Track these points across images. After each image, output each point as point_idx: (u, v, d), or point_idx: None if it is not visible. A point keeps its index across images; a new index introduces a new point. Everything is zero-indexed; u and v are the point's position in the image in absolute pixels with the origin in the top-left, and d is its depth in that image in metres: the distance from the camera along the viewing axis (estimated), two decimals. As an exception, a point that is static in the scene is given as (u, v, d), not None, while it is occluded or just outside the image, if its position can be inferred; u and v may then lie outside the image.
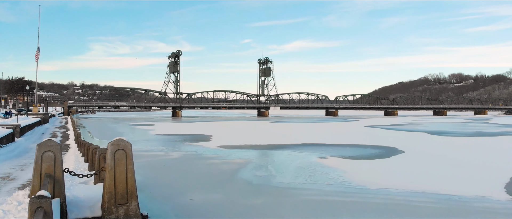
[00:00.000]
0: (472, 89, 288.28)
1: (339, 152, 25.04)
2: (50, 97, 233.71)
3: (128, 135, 40.58)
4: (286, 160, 21.18)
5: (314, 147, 28.50)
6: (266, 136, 40.56)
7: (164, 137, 38.65)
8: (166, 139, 35.66)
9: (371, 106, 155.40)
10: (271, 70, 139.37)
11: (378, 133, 45.73)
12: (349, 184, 14.60)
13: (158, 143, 32.09)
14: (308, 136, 39.89)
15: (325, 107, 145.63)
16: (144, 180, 15.19)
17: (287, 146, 28.79)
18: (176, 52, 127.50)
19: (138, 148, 27.24)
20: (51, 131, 39.55)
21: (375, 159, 22.19)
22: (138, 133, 44.08)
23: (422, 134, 44.32)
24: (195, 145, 30.13)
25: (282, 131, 49.02)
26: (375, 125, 68.58)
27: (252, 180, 15.44)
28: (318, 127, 60.57)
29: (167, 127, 59.71)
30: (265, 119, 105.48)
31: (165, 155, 23.68)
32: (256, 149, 27.21)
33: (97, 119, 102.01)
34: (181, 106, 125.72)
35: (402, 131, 50.08)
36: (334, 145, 29.87)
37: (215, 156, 23.09)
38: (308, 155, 23.54)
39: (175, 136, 39.95)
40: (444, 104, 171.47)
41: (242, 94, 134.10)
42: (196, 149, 26.83)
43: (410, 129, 56.41)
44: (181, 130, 50.10)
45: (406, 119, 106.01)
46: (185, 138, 37.37)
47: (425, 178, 16.09)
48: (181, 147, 28.43)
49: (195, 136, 39.99)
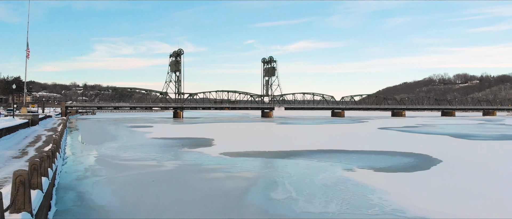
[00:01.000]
0: (477, 89, 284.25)
1: (365, 162, 20.95)
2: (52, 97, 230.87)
3: (122, 139, 36.70)
4: (306, 174, 17.11)
5: (333, 154, 24.43)
6: (273, 140, 36.50)
7: (161, 141, 34.66)
8: (162, 144, 31.67)
9: (379, 107, 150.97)
10: (275, 70, 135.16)
11: (396, 137, 41.56)
12: (402, 214, 10.53)
13: (153, 149, 28.10)
14: (320, 140, 35.81)
15: (331, 108, 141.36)
16: (121, 207, 11.16)
17: (302, 153, 24.72)
18: (178, 51, 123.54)
19: (128, 156, 23.25)
20: (36, 134, 35.61)
21: (413, 172, 18.09)
22: (133, 137, 40.14)
23: (445, 138, 40.12)
24: (195, 151, 26.09)
25: (290, 134, 44.94)
26: (388, 127, 64.36)
27: (268, 208, 11.38)
28: (328, 129, 56.44)
29: (166, 129, 55.75)
30: (269, 120, 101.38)
31: (158, 166, 19.65)
32: (265, 157, 23.16)
33: (96, 120, 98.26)
34: (183, 107, 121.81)
35: (421, 134, 45.87)
36: (355, 152, 25.77)
37: (217, 167, 19.05)
38: (330, 166, 19.47)
39: (173, 140, 35.96)
40: (452, 105, 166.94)
41: (245, 94, 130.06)
42: (195, 158, 22.79)
43: (427, 131, 52.18)
44: (181, 133, 46.10)
45: (416, 120, 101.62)
46: (184, 142, 33.37)
47: (495, 200, 11.99)
48: (178, 155, 24.41)
49: (195, 140, 35.99)
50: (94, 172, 17.96)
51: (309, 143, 32.17)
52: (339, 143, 32.40)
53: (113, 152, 25.90)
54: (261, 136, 41.34)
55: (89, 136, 41.06)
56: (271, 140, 36.36)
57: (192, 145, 30.94)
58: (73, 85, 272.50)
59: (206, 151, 25.89)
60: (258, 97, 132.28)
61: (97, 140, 35.53)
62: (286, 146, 29.32)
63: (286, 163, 20.41)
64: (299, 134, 45.50)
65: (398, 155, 24.33)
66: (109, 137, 39.83)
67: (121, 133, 46.58)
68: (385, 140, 36.28)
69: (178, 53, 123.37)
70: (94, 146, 30.41)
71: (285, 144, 31.66)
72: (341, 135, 43.88)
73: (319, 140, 35.85)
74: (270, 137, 40.50)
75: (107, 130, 52.96)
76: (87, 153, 25.44)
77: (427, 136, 43.46)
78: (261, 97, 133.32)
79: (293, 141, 34.43)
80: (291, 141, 34.99)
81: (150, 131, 50.27)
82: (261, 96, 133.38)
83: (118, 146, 29.60)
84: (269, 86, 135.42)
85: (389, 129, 57.45)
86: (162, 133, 46.17)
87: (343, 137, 40.62)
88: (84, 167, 19.26)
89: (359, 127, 63.30)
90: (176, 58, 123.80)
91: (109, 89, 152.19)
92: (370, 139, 37.50)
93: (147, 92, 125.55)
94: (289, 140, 35.65)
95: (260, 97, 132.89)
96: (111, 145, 30.41)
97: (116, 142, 33.26)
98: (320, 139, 37.13)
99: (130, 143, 32.33)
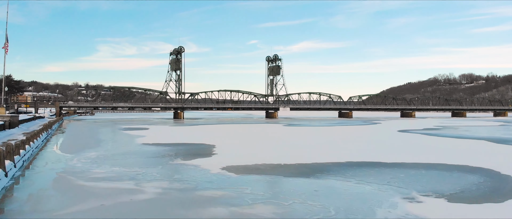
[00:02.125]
0: (484, 89, 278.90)
1: (423, 183, 15.12)
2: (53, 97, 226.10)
3: (106, 146, 31.04)
4: (353, 208, 11.30)
5: (371, 170, 18.62)
6: (286, 146, 30.69)
7: (152, 149, 28.93)
8: (152, 153, 25.94)
9: (389, 107, 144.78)
10: (280, 69, 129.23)
11: (426, 142, 35.63)
12: None
13: (138, 160, 22.37)
14: (343, 148, 29.96)
15: (339, 108, 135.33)
16: None
17: (329, 169, 18.92)
18: (178, 48, 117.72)
19: (100, 173, 17.54)
20: (6, 140, 29.94)
21: (502, 200, 12.27)
22: (121, 142, 34.46)
23: (485, 143, 34.20)
24: (189, 166, 20.31)
25: (302, 139, 39.13)
26: (406, 129, 58.39)
27: None
28: (342, 133, 50.55)
29: (162, 132, 50.04)
30: (275, 121, 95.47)
31: (133, 191, 13.88)
32: (283, 174, 17.37)
33: (91, 121, 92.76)
34: (184, 107, 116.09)
35: (452, 139, 39.91)
36: (397, 166, 19.93)
37: (217, 195, 13.27)
38: (379, 191, 13.67)
39: (167, 147, 30.22)
40: (463, 105, 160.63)
41: (249, 94, 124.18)
42: (188, 177, 17.01)
43: (456, 135, 46.21)
44: (178, 137, 40.37)
45: (429, 121, 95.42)
46: (179, 150, 27.61)
47: None
48: (167, 171, 18.65)
49: (192, 147, 30.23)
50: (37, 202, 12.27)
51: (331, 152, 26.33)
52: (368, 152, 26.55)
53: (86, 165, 20.19)
54: (270, 142, 35.54)
55: (70, 141, 35.40)
56: (283, 147, 30.55)
57: (188, 154, 25.16)
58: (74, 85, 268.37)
59: (204, 165, 20.10)
60: (262, 97, 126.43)
61: (77, 147, 29.86)
62: (304, 157, 23.50)
63: (315, 187, 14.59)
64: (313, 138, 39.67)
65: (455, 170, 18.49)
66: (93, 142, 34.14)
67: (110, 137, 40.88)
68: (418, 147, 30.40)
69: (179, 51, 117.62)
70: (68, 155, 24.72)
71: (302, 153, 25.84)
72: (363, 140, 38.01)
73: (341, 148, 29.98)
74: (280, 142, 34.69)
75: (96, 133, 47.28)
76: (51, 167, 19.74)
77: (460, 141, 37.54)
78: (265, 97, 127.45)
79: (310, 149, 28.59)
80: (308, 148, 29.16)
81: (144, 134, 44.57)
82: (265, 96, 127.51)
83: (97, 156, 23.89)
84: (273, 86, 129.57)
85: (410, 132, 51.58)
86: (157, 137, 40.46)
87: (367, 143, 34.76)
88: (28, 193, 13.56)
89: (375, 130, 57.35)
90: (177, 56, 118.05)
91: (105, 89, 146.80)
92: (400, 146, 31.61)
93: (146, 92, 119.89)
94: (304, 148, 29.83)
95: (264, 97, 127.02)
96: (89, 155, 24.71)
97: (97, 150, 27.55)
98: (341, 146, 31.26)
99: (113, 151, 26.61)
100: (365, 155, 24.28)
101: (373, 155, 24.34)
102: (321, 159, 22.18)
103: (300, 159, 22.35)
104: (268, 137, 41.85)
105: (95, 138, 38.66)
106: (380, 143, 34.25)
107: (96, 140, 36.19)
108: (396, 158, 23.14)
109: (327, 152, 26.37)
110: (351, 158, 22.69)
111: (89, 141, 35.11)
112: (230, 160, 21.98)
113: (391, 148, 29.67)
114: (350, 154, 25.06)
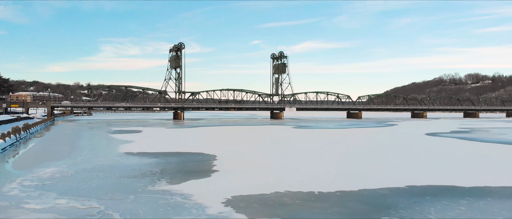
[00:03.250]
0: (491, 89, 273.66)
1: None
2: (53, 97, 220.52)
3: (79, 155, 24.46)
4: None
5: (458, 203, 11.84)
6: (307, 158, 23.94)
7: (133, 162, 22.27)
8: (130, 170, 19.26)
9: (399, 107, 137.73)
10: (286, 66, 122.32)
11: (476, 150, 28.76)
12: None
13: (104, 184, 15.70)
14: (381, 162, 23.17)
15: (347, 109, 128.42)
16: None
17: (392, 202, 12.17)
18: (178, 45, 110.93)
19: (28, 211, 10.83)
20: None
21: None
22: (98, 151, 27.80)
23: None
24: (175, 196, 13.58)
25: (320, 145, 32.42)
26: (435, 132, 51.51)
27: None
28: (364, 137, 43.76)
29: (156, 136, 43.40)
30: (281, 122, 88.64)
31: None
32: (326, 215, 10.66)
33: (85, 122, 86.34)
34: (184, 107, 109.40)
35: (501, 145, 33.02)
36: (491, 195, 13.15)
37: None
38: None
39: (154, 158, 23.53)
40: (476, 105, 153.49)
41: (253, 93, 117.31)
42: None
43: (498, 140, 39.30)
44: (172, 143, 33.71)
45: (448, 123, 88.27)
46: (168, 165, 20.91)
47: None
48: (137, 208, 11.92)
49: (187, 159, 23.55)
50: None
51: (373, 169, 19.55)
52: (421, 168, 19.80)
53: (23, 192, 13.56)
54: (284, 150, 28.80)
55: (38, 149, 28.76)
56: (303, 159, 23.81)
57: (178, 172, 18.46)
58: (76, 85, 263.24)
59: (198, 194, 13.34)
60: (266, 96, 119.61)
61: (40, 157, 23.26)
62: (343, 179, 16.74)
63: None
64: (334, 145, 32.91)
65: None
66: (66, 150, 27.49)
67: (90, 143, 34.23)
68: (478, 159, 23.56)
69: (179, 47, 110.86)
70: (16, 172, 18.14)
71: (334, 170, 19.12)
72: (397, 148, 31.23)
73: (380, 161, 23.17)
74: (297, 152, 27.95)
75: (78, 137, 40.65)
76: None
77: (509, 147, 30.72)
78: (270, 97, 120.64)
79: (341, 163, 21.83)
80: (337, 162, 22.40)
81: (133, 139, 37.94)
82: (270, 95, 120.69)
83: (53, 175, 17.26)
84: (279, 85, 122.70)
85: (441, 136, 44.80)
86: (147, 143, 33.82)
87: (407, 152, 27.96)
88: None
89: (398, 133, 50.43)
90: (177, 52, 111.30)
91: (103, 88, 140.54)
92: (452, 157, 24.75)
93: (144, 91, 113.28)
94: (332, 160, 23.07)
95: (268, 97, 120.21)
96: (45, 172, 18.08)
97: (61, 163, 20.90)
98: (379, 159, 24.44)
99: (81, 166, 19.95)
100: (422, 174, 17.49)
101: (432, 173, 17.56)
102: (369, 183, 15.40)
103: (339, 182, 15.58)
104: (279, 143, 35.14)
105: (71, 145, 32.01)
106: (423, 152, 27.41)
107: (71, 148, 29.54)
108: (467, 178, 16.35)
109: (367, 168, 19.58)
110: (409, 180, 15.92)
111: (61, 149, 28.46)
112: (237, 183, 15.26)
113: (444, 160, 22.85)
114: (401, 172, 18.27)
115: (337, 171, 18.43)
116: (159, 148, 28.94)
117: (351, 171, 18.25)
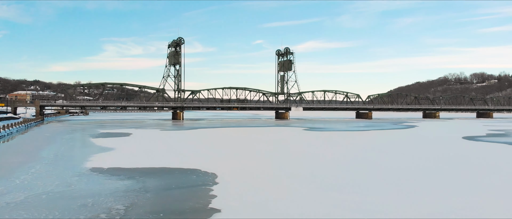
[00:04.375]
0: (497, 89, 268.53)
1: None
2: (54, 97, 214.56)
3: (26, 173, 17.59)
4: None
5: None
6: (343, 176, 16.95)
7: (94, 190, 15.43)
8: (78, 209, 12.36)
9: (411, 107, 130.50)
10: (292, 63, 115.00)
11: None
12: None
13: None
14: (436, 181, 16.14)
15: (357, 108, 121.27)
16: None
17: None
18: (177, 40, 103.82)
19: None
20: None
21: None
22: (58, 167, 20.90)
23: None
24: None
25: (344, 155, 25.51)
26: (473, 136, 44.46)
27: None
28: (388, 143, 36.73)
29: (144, 142, 36.50)
30: (287, 123, 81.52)
31: None
32: None
33: (75, 122, 79.55)
34: (183, 107, 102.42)
35: None
36: None
37: None
38: None
39: (128, 181, 16.61)
40: (489, 105, 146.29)
41: (257, 92, 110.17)
42: None
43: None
44: (161, 154, 26.79)
45: (466, 123, 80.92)
46: (142, 198, 13.97)
47: None
48: None
49: (173, 182, 16.62)
50: None
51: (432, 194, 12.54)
52: (498, 193, 12.80)
53: None
54: (307, 164, 21.79)
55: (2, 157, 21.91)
56: (337, 177, 16.81)
57: (154, 212, 11.55)
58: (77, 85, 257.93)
59: None
60: (271, 95, 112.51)
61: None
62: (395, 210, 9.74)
63: None
64: (370, 157, 25.90)
65: None
66: (15, 164, 20.57)
67: (56, 152, 27.29)
68: None
69: (178, 42, 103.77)
70: None
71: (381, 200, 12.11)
72: (445, 160, 24.25)
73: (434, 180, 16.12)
74: (325, 167, 20.95)
75: (49, 143, 33.79)
76: None
77: None
78: (275, 96, 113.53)
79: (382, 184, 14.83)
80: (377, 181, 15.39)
81: (114, 146, 31.07)
82: (275, 94, 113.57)
83: None
84: (284, 83, 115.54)
85: (481, 141, 38.02)
86: (129, 152, 26.92)
87: (462, 167, 21.01)
88: None
89: (431, 139, 43.28)
90: (176, 48, 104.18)
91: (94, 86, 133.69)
92: None
93: (141, 89, 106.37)
94: (370, 178, 16.06)
95: (273, 96, 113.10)
96: None
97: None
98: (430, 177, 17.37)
99: (13, 194, 13.07)
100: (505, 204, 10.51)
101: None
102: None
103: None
104: (295, 151, 28.16)
105: (30, 154, 25.08)
106: (484, 168, 20.36)
107: (26, 159, 22.61)
108: None
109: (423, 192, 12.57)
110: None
111: (11, 161, 21.55)
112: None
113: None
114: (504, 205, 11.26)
115: (410, 205, 11.44)
116: (142, 161, 22.04)
117: (401, 198, 11.27)
